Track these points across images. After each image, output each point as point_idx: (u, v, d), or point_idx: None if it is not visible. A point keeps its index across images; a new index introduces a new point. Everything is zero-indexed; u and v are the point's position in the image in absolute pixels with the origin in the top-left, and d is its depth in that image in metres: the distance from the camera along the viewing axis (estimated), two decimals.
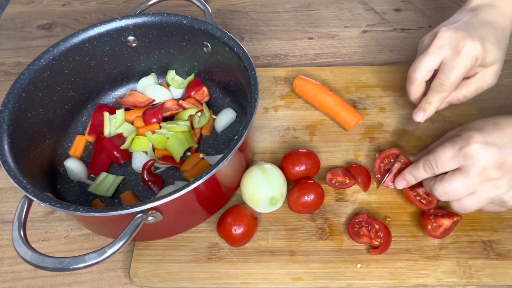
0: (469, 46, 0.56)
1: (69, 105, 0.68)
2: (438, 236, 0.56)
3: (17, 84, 0.58)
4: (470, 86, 0.61)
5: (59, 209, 0.46)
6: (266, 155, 0.67)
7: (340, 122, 0.69)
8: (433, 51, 0.58)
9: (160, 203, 0.46)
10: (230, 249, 0.58)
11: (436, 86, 0.59)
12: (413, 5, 0.92)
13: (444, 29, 0.58)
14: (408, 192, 0.59)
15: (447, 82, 0.58)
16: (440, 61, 0.59)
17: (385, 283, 0.55)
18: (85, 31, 0.63)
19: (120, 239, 0.45)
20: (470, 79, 0.61)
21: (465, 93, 0.62)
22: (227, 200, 0.62)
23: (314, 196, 0.58)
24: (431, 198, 0.58)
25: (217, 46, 0.64)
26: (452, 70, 0.57)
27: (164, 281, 0.56)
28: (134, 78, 0.74)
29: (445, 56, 0.58)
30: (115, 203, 0.62)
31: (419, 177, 0.57)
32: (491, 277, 0.54)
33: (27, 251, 0.44)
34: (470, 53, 0.56)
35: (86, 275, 0.58)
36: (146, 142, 0.66)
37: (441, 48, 0.58)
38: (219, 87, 0.73)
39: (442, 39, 0.58)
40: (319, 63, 0.82)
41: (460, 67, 0.57)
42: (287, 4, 0.94)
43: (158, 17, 0.65)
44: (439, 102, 0.59)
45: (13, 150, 0.53)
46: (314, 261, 0.57)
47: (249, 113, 0.54)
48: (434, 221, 0.56)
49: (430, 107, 0.60)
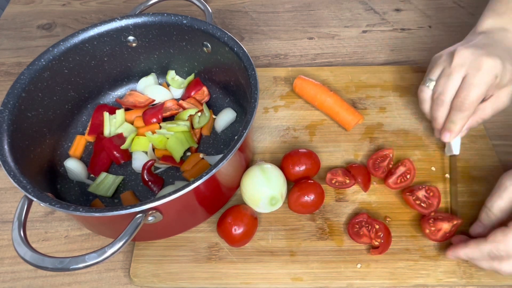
0: (489, 63, 0.55)
1: (69, 105, 0.68)
2: (438, 240, 0.56)
3: (17, 84, 0.58)
4: (487, 109, 0.60)
5: (59, 209, 0.46)
6: (266, 155, 0.67)
7: (340, 122, 0.69)
8: (455, 70, 0.57)
9: (160, 203, 0.46)
10: (230, 249, 0.58)
11: (458, 105, 0.57)
12: (413, 5, 0.92)
13: (463, 47, 0.57)
14: (408, 197, 0.59)
15: (468, 100, 0.56)
16: (461, 79, 0.57)
17: (385, 283, 0.55)
18: (85, 31, 0.63)
19: (120, 239, 0.45)
20: (486, 102, 0.60)
21: (483, 116, 0.60)
22: (227, 200, 0.62)
23: (314, 196, 0.58)
24: (431, 201, 0.58)
25: (217, 46, 0.64)
26: (473, 88, 0.55)
27: (164, 281, 0.56)
28: (134, 78, 0.74)
29: (466, 73, 0.56)
30: (115, 203, 0.62)
31: (475, 258, 0.52)
32: (491, 277, 0.54)
33: (27, 251, 0.44)
34: (490, 70, 0.55)
35: (86, 275, 0.58)
36: (146, 142, 0.66)
37: (462, 66, 0.56)
38: (219, 87, 0.73)
39: (462, 57, 0.57)
40: (319, 63, 0.82)
41: (482, 84, 0.55)
42: (287, 4, 0.94)
43: (158, 17, 0.65)
44: (462, 120, 0.58)
45: (13, 150, 0.53)
46: (314, 261, 0.57)
47: (249, 113, 0.54)
48: (433, 225, 0.56)
49: (455, 126, 0.58)
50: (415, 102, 0.72)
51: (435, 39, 0.85)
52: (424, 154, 0.66)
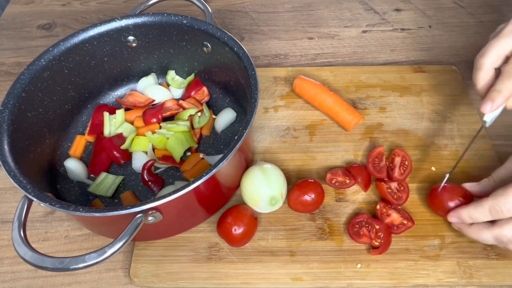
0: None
1: (69, 105, 0.68)
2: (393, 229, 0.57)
3: (17, 84, 0.58)
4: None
5: (59, 209, 0.46)
6: (266, 155, 0.67)
7: (340, 122, 0.69)
8: (507, 34, 0.53)
9: (160, 203, 0.46)
10: (230, 249, 0.58)
11: (508, 71, 0.52)
12: (413, 5, 0.92)
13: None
14: (381, 184, 0.60)
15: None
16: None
17: (385, 283, 0.55)
18: (85, 31, 0.63)
19: (120, 239, 0.45)
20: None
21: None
22: (227, 200, 0.62)
23: (314, 195, 0.58)
24: (401, 194, 0.60)
25: (217, 46, 0.64)
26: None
27: (164, 281, 0.56)
28: (134, 78, 0.74)
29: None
30: (115, 203, 0.62)
31: (478, 219, 0.51)
32: (491, 277, 0.54)
33: (27, 251, 0.44)
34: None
35: (86, 275, 0.58)
36: (146, 142, 0.66)
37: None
38: (219, 87, 0.73)
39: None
40: (319, 63, 0.82)
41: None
42: (287, 4, 0.94)
43: (158, 17, 0.65)
44: (510, 91, 0.52)
45: (13, 150, 0.53)
46: (314, 261, 0.57)
47: (249, 113, 0.54)
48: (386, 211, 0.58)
49: (500, 96, 0.52)
50: (415, 102, 0.72)
51: (435, 39, 0.85)
52: (424, 154, 0.66)
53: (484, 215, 0.51)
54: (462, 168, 0.64)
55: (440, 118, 0.70)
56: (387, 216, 0.58)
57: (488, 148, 0.66)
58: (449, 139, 0.67)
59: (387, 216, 0.58)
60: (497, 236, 0.50)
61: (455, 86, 0.74)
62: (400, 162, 0.63)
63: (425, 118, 0.70)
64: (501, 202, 0.49)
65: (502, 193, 0.49)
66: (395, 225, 0.57)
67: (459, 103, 0.72)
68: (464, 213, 0.53)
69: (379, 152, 0.64)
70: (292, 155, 0.67)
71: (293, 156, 0.67)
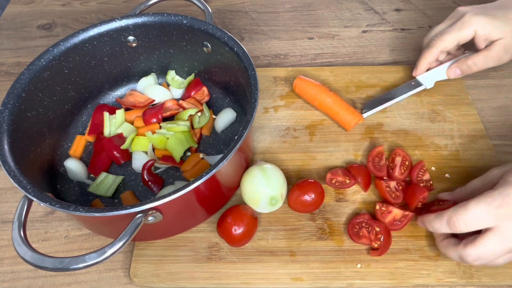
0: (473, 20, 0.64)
1: (69, 105, 0.68)
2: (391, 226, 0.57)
3: (17, 84, 0.58)
4: (479, 55, 0.67)
5: (59, 209, 0.46)
6: (266, 155, 0.67)
7: (340, 122, 0.69)
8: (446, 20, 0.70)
9: (160, 203, 0.46)
10: (230, 249, 0.58)
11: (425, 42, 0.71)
12: (413, 5, 0.92)
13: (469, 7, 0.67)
14: (380, 183, 0.60)
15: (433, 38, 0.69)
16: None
17: (385, 283, 0.55)
18: (85, 31, 0.63)
19: (120, 239, 0.45)
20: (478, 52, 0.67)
21: (475, 61, 0.67)
22: (227, 200, 0.62)
23: (314, 195, 0.58)
24: (399, 194, 0.60)
25: (217, 46, 0.64)
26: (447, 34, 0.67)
27: (164, 281, 0.56)
28: (134, 78, 0.74)
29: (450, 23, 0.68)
30: (115, 203, 0.62)
31: (437, 230, 0.52)
32: (491, 277, 0.54)
33: (27, 251, 0.44)
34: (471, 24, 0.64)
35: (86, 275, 0.58)
36: (146, 142, 0.66)
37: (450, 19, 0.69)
38: (219, 87, 0.73)
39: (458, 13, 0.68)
40: (319, 63, 0.82)
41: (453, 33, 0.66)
42: (287, 4, 0.94)
43: (158, 17, 0.65)
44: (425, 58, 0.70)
45: (13, 150, 0.53)
46: (314, 261, 0.57)
47: (249, 113, 0.54)
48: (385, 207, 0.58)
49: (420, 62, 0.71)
50: (415, 102, 0.72)
51: None
52: (424, 154, 0.66)
53: (442, 227, 0.50)
54: (462, 168, 0.64)
55: (440, 118, 0.70)
56: (388, 213, 0.58)
57: (488, 148, 0.66)
58: (449, 139, 0.68)
59: (388, 214, 0.58)
60: (461, 255, 0.50)
61: (455, 86, 0.74)
62: (401, 162, 0.63)
63: (425, 118, 0.70)
64: (459, 215, 0.48)
65: (462, 206, 0.48)
66: (397, 220, 0.57)
67: (459, 103, 0.72)
68: (426, 221, 0.53)
69: (379, 151, 0.64)
70: (292, 155, 0.67)
71: (293, 156, 0.67)
